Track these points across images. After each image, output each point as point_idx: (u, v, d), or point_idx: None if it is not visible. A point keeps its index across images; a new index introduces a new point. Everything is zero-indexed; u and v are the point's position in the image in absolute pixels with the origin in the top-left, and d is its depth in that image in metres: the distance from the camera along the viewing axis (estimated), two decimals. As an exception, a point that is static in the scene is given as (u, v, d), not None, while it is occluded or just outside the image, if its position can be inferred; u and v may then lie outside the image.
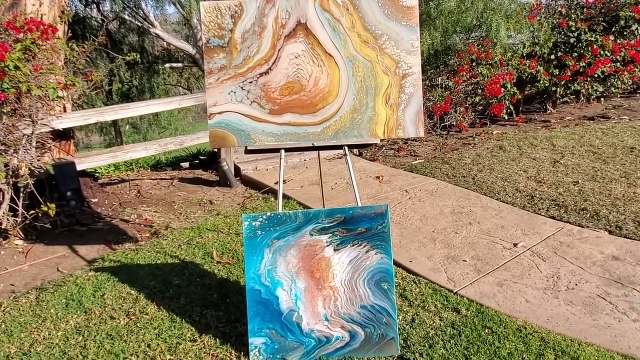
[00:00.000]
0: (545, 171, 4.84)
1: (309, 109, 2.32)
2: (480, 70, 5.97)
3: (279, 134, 2.32)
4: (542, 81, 6.42)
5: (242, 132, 2.32)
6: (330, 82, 2.31)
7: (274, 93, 2.31)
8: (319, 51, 2.30)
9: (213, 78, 2.29)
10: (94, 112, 4.09)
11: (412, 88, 2.33)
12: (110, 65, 7.26)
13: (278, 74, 2.31)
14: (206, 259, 3.35)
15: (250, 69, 2.30)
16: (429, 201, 4.31)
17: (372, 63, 2.32)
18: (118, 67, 7.34)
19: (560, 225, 3.67)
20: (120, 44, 8.67)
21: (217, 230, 3.89)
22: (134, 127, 11.96)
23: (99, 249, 3.76)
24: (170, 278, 3.08)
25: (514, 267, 3.10)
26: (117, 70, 7.42)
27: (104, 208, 4.54)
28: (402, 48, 2.32)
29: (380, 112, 2.33)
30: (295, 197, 4.56)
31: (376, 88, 2.33)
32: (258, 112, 2.32)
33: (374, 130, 2.33)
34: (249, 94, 2.31)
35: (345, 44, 2.30)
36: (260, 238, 2.29)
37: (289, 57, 2.30)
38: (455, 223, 3.82)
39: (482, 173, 4.94)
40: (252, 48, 2.29)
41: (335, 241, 2.29)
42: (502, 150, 5.69)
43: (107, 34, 8.01)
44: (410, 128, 2.34)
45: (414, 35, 2.31)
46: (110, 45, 7.93)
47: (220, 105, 2.30)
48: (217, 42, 2.29)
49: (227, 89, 2.30)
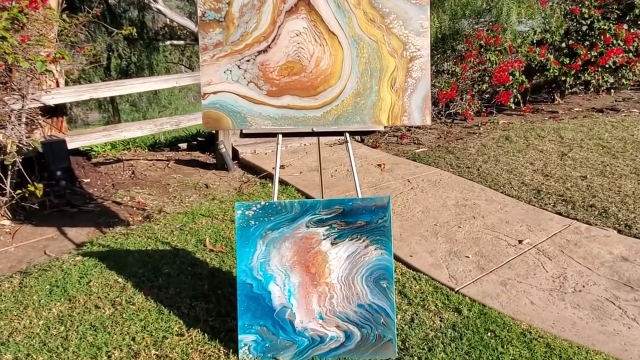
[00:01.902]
0: (552, 164, 4.69)
1: (309, 91, 2.15)
2: (489, 56, 5.76)
3: (277, 117, 2.16)
4: (551, 70, 6.21)
5: (237, 114, 2.16)
6: (332, 63, 2.15)
7: (272, 73, 2.15)
8: (321, 29, 2.13)
9: (208, 54, 2.13)
10: (87, 87, 3.92)
11: (419, 72, 2.17)
12: (109, 40, 7.05)
13: (277, 52, 2.14)
14: (198, 247, 3.22)
15: (247, 45, 2.13)
16: (431, 192, 4.17)
17: (378, 43, 2.15)
18: (116, 42, 7.13)
19: (567, 221, 3.53)
20: (120, 18, 8.42)
21: (211, 216, 3.76)
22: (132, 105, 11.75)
23: (88, 231, 3.63)
24: (160, 266, 2.95)
25: (519, 265, 2.97)
26: (116, 45, 7.20)
27: (95, 189, 4.39)
28: (411, 28, 2.15)
29: (384, 97, 2.17)
30: (294, 183, 4.41)
31: (381, 70, 2.16)
32: (255, 92, 2.15)
33: (378, 116, 2.17)
34: (245, 73, 2.14)
35: (349, 22, 2.13)
36: (253, 228, 2.15)
37: (289, 34, 2.13)
38: (458, 216, 3.68)
39: (486, 164, 4.79)
40: (250, 23, 2.12)
41: (333, 234, 2.16)
42: (507, 140, 5.52)
43: (107, 7, 7.77)
44: (416, 115, 2.18)
45: (424, 14, 2.14)
46: (109, 19, 7.69)
47: (214, 85, 2.14)
48: (213, 15, 2.11)
49: (222, 67, 2.14)
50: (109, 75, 8.25)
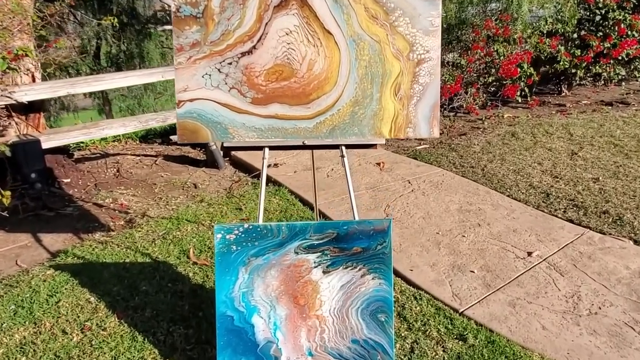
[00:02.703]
0: (562, 164, 4.43)
1: (301, 99, 1.88)
2: (496, 47, 5.45)
3: (263, 129, 1.89)
4: (562, 62, 5.90)
5: (217, 125, 1.89)
6: (327, 67, 1.87)
7: (257, 78, 1.87)
8: (315, 27, 1.84)
9: (183, 56, 1.84)
10: (63, 83, 3.62)
11: (427, 77, 1.89)
12: (97, 28, 6.72)
13: (264, 53, 1.86)
14: (181, 258, 2.97)
15: (229, 46, 1.85)
16: (433, 195, 3.91)
17: (381, 44, 1.87)
18: (105, 30, 6.79)
19: (579, 230, 3.29)
20: (110, 3, 8.03)
21: (197, 222, 3.50)
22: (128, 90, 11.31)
23: (65, 238, 3.38)
24: (137, 282, 2.70)
25: (528, 282, 2.73)
26: (104, 33, 6.86)
27: (76, 189, 4.13)
28: (419, 26, 1.86)
29: (387, 106, 1.90)
30: (287, 184, 4.15)
31: (384, 75, 1.88)
32: (238, 100, 1.88)
33: (379, 127, 1.90)
34: (227, 78, 1.87)
35: (348, 19, 1.84)
36: (235, 254, 1.90)
37: (278, 33, 1.85)
38: (462, 223, 3.43)
39: (492, 163, 4.53)
40: (233, 20, 1.83)
41: (325, 261, 1.90)
42: (514, 137, 5.25)
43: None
44: (422, 126, 1.91)
45: (435, 10, 1.85)
46: (96, 5, 7.32)
47: (191, 91, 1.86)
48: (190, 10, 1.82)
49: (200, 71, 1.86)
50: (99, 64, 7.89)
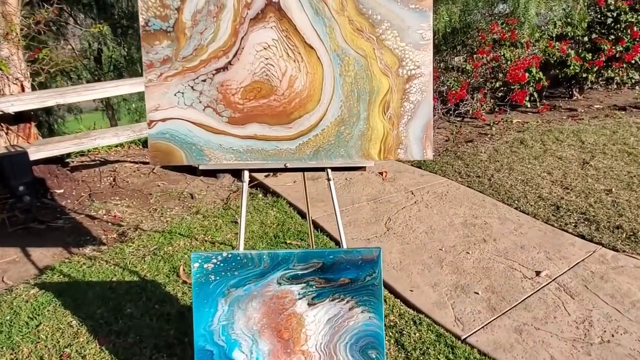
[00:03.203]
0: (573, 174, 4.23)
1: (281, 119, 1.74)
2: (503, 52, 5.26)
3: (241, 150, 1.76)
4: (572, 66, 5.68)
5: (192, 146, 1.76)
6: (309, 83, 1.73)
7: (234, 95, 1.74)
8: (295, 41, 1.71)
9: (153, 73, 1.72)
10: (52, 92, 3.54)
11: (419, 94, 1.74)
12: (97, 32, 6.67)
13: (240, 70, 1.73)
14: (171, 277, 2.86)
15: (203, 62, 1.72)
16: (437, 207, 3.75)
17: (367, 59, 1.73)
18: (104, 35, 6.75)
19: (590, 247, 3.10)
20: (112, 8, 8.00)
21: (190, 236, 3.39)
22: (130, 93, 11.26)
23: (54, 252, 3.29)
24: (122, 304, 2.59)
25: (536, 305, 2.56)
26: (103, 38, 6.82)
27: (69, 200, 4.04)
28: (408, 40, 1.71)
29: (375, 126, 1.75)
30: (286, 194, 4.02)
31: (371, 93, 1.74)
32: (214, 120, 1.75)
33: (367, 149, 1.76)
34: (201, 96, 1.74)
35: (331, 33, 1.70)
36: (213, 285, 1.77)
37: (255, 47, 1.71)
38: (467, 239, 3.27)
39: (499, 173, 4.35)
40: (206, 34, 1.70)
41: (310, 293, 1.77)
42: (522, 144, 5.06)
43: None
44: (414, 148, 1.76)
45: (425, 22, 1.70)
46: (96, 9, 7.27)
47: (163, 110, 1.74)
48: (159, 24, 1.70)
49: (172, 89, 1.73)
50: (100, 69, 7.84)
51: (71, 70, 7.21)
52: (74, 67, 6.80)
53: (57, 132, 8.29)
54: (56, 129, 8.74)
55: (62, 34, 7.39)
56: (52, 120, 8.54)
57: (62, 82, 7.86)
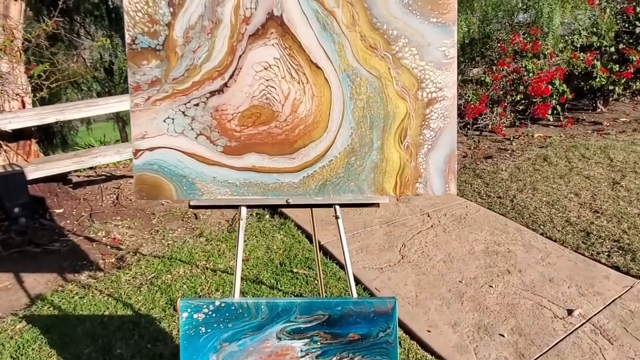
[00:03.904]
0: (603, 196, 3.94)
1: (283, 148, 1.53)
2: (524, 63, 4.99)
3: (238, 184, 1.54)
4: (598, 78, 5.39)
5: (182, 179, 1.55)
6: (315, 108, 1.51)
7: (230, 122, 1.53)
8: (300, 60, 1.49)
9: (140, 97, 1.52)
10: (52, 109, 3.38)
11: (441, 120, 1.51)
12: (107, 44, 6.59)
13: (237, 92, 1.52)
14: (167, 310, 2.65)
15: (196, 84, 1.52)
16: (455, 232, 3.49)
17: (382, 80, 1.50)
18: (114, 46, 6.67)
19: (627, 281, 2.82)
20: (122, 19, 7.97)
21: (191, 263, 3.18)
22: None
23: (49, 279, 3.10)
24: (113, 342, 2.38)
25: (570, 352, 2.29)
26: (114, 49, 6.74)
27: (68, 221, 3.87)
28: (429, 58, 1.49)
29: (390, 156, 1.53)
30: (294, 216, 3.80)
31: (386, 119, 1.52)
32: (207, 149, 1.54)
33: (380, 183, 1.53)
34: (193, 122, 1.53)
35: (340, 50, 1.49)
36: (204, 338, 1.55)
37: (255, 67, 1.50)
38: (489, 269, 3.00)
39: (522, 194, 4.07)
40: (200, 53, 1.50)
41: (314, 350, 1.53)
42: (546, 161, 4.77)
43: (107, 9, 7.28)
44: (435, 182, 1.53)
45: (448, 38, 1.48)
46: (107, 21, 7.21)
47: (150, 138, 1.53)
48: (147, 41, 1.50)
49: (161, 114, 1.53)
50: (111, 80, 7.77)
51: (82, 83, 7.16)
52: (85, 79, 6.73)
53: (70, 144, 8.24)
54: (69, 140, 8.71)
55: (74, 46, 7.35)
56: (65, 131, 8.51)
57: (73, 94, 7.81)
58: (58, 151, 8.00)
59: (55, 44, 5.16)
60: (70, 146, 8.01)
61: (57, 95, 7.28)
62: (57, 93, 7.19)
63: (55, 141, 8.22)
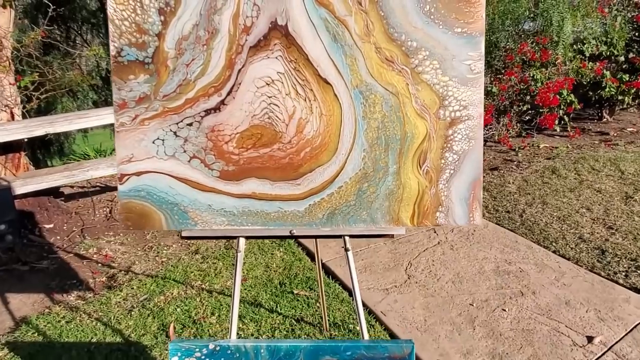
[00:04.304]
0: (616, 210, 3.78)
1: (287, 173, 1.36)
2: (532, 73, 4.85)
3: (236, 212, 1.38)
4: (607, 88, 5.25)
5: (174, 207, 1.38)
6: (324, 128, 1.35)
7: (228, 144, 1.36)
8: (307, 74, 1.33)
9: (126, 115, 1.36)
10: (40, 121, 3.22)
11: (465, 143, 1.35)
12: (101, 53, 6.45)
13: (236, 111, 1.36)
14: (159, 337, 2.47)
15: (189, 101, 1.35)
16: (464, 249, 3.33)
17: (399, 97, 1.34)
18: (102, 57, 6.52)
19: (649, 304, 2.66)
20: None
21: (186, 283, 3.00)
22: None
23: (35, 300, 2.92)
24: (99, 374, 2.21)
25: (593, 385, 2.13)
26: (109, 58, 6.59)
27: (59, 237, 3.69)
28: (452, 73, 1.33)
29: (408, 182, 1.36)
30: (294, 231, 3.62)
31: (403, 140, 1.36)
32: (202, 174, 1.38)
33: (396, 212, 1.37)
34: (186, 144, 1.37)
35: (353, 64, 1.33)
36: (197, 385, 1.38)
37: (256, 83, 1.34)
38: (501, 290, 2.84)
39: (531, 208, 3.91)
40: (194, 66, 1.34)
41: (322, 400, 1.36)
42: (554, 174, 4.62)
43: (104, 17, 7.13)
44: (457, 211, 1.37)
45: (475, 50, 1.32)
46: (104, 29, 7.06)
47: (138, 161, 1.37)
48: (135, 53, 1.34)
49: (150, 135, 1.36)
50: (109, 88, 7.63)
51: (78, 91, 7.00)
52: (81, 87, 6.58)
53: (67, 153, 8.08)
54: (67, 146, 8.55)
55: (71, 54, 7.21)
56: (62, 139, 8.35)
57: (68, 102, 7.66)
58: (55, 159, 7.85)
59: (51, 52, 4.99)
60: (67, 155, 7.86)
61: (53, 105, 7.12)
62: (52, 102, 7.02)
63: (52, 149, 8.09)
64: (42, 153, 7.83)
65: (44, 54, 4.31)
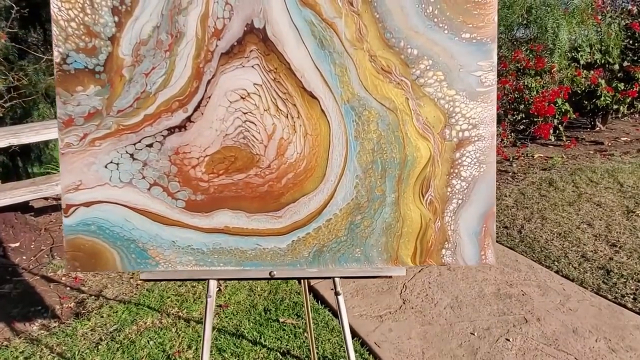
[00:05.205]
0: (618, 226, 3.62)
1: (266, 203, 1.15)
2: (527, 81, 4.71)
3: (205, 250, 1.16)
4: (602, 97, 5.12)
5: (130, 244, 1.15)
6: (309, 151, 1.14)
7: (195, 168, 1.14)
8: (289, 86, 1.12)
9: (73, 134, 1.13)
10: (4, 132, 2.97)
11: (475, 168, 1.15)
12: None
13: (205, 130, 1.14)
14: (128, 376, 2.22)
15: (149, 118, 1.13)
16: (461, 270, 3.12)
17: (397, 114, 1.14)
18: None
19: (661, 331, 2.47)
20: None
21: (161, 310, 2.76)
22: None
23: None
24: (57, 423, 1.95)
25: None
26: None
27: (25, 257, 3.42)
28: (460, 86, 1.13)
29: (408, 214, 1.15)
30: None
31: (403, 165, 1.15)
32: (164, 204, 1.15)
33: (395, 249, 1.16)
34: (145, 169, 1.14)
35: (343, 74, 1.12)
36: None
37: (228, 96, 1.13)
38: (504, 317, 2.64)
39: (530, 223, 3.74)
40: (154, 76, 1.12)
41: None
42: (552, 186, 4.46)
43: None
44: (467, 247, 1.16)
45: (486, 60, 1.12)
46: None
47: (87, 190, 1.14)
48: (83, 61, 1.12)
49: (101, 158, 1.14)
50: (87, 95, 7.39)
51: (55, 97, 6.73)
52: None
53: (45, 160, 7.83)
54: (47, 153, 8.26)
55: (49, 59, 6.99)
56: (41, 146, 8.10)
57: (45, 109, 7.41)
58: (36, 166, 7.64)
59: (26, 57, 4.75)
60: (47, 162, 7.65)
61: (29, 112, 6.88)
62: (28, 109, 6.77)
63: (32, 155, 7.86)
64: (22, 160, 7.63)
65: (19, 58, 4.05)
